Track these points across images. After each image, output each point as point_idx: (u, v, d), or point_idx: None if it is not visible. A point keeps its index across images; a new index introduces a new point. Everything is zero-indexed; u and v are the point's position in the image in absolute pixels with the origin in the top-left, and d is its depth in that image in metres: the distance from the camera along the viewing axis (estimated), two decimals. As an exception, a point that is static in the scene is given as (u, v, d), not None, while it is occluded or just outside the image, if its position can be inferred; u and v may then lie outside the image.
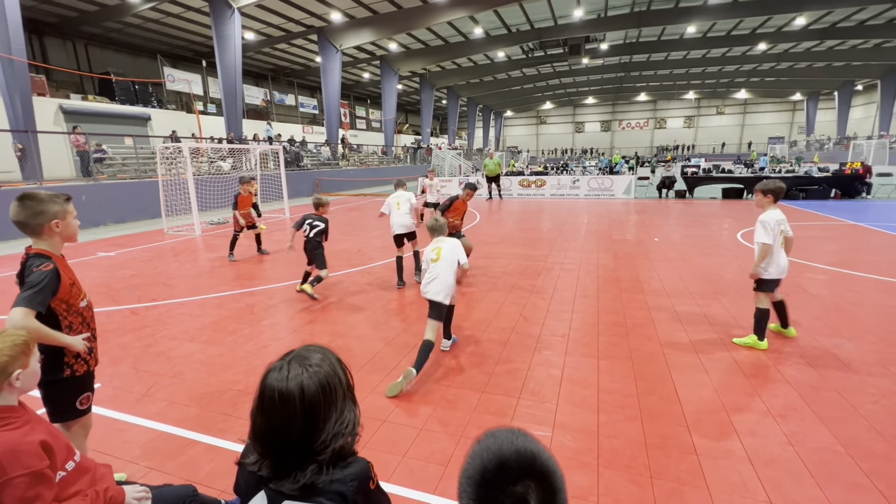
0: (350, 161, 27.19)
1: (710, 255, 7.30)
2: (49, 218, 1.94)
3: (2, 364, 1.33)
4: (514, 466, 0.66)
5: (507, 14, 22.84)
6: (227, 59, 17.74)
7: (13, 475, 1.24)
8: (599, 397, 3.13)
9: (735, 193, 15.17)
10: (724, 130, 51.13)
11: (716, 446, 2.57)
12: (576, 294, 5.45)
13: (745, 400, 3.04)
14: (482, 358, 3.78)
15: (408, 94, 41.75)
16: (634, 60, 33.79)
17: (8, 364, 1.34)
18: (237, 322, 4.77)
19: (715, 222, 10.55)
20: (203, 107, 24.40)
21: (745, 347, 3.85)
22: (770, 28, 26.04)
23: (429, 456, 2.55)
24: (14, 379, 1.37)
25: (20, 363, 1.38)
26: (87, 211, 11.61)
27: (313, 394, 0.95)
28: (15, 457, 1.26)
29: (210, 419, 2.95)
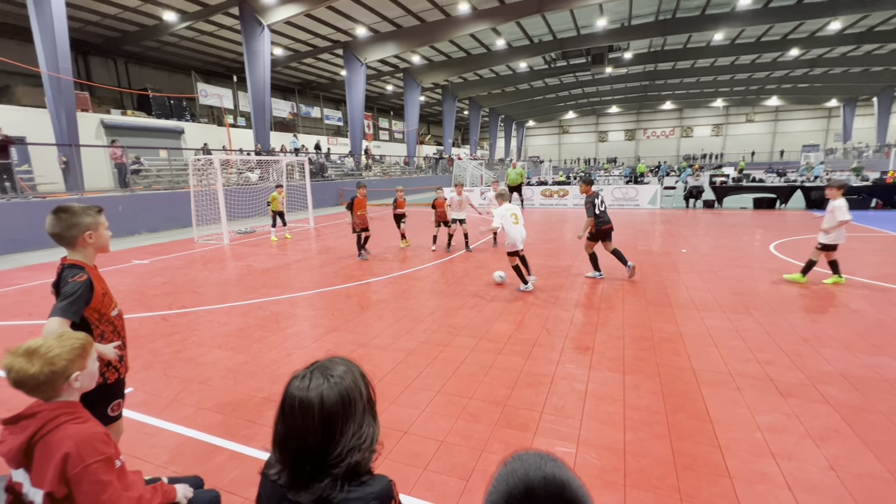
0: (373, 172, 27.60)
1: (741, 266, 7.05)
2: (82, 230, 2.02)
3: (60, 367, 1.41)
4: (541, 494, 0.63)
5: (529, 25, 22.94)
6: (256, 74, 18.38)
7: (90, 461, 1.32)
8: (625, 414, 3.04)
9: (767, 203, 14.65)
10: (755, 139, 49.63)
11: (751, 469, 2.45)
12: (600, 306, 5.34)
13: (782, 420, 2.90)
14: (504, 371, 3.73)
15: (430, 106, 42.27)
16: (659, 69, 33.33)
17: (66, 367, 1.42)
18: (262, 330, 4.86)
19: (746, 233, 10.20)
20: (233, 120, 25.28)
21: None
22: (802, 33, 25.26)
23: (450, 470, 2.52)
24: (73, 380, 1.45)
25: (77, 366, 1.46)
26: (123, 220, 12.14)
27: (332, 404, 0.95)
28: (89, 444, 1.35)
29: (235, 426, 3.00)
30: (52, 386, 1.40)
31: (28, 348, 1.37)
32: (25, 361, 1.35)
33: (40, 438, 1.34)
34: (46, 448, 1.33)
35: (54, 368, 1.38)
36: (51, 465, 1.30)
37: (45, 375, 1.37)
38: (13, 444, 1.35)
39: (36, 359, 1.36)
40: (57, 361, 1.39)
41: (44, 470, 1.31)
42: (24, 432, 1.35)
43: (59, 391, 1.43)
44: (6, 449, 1.35)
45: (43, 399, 1.42)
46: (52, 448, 1.33)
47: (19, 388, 1.37)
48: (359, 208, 8.34)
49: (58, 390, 1.42)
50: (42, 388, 1.39)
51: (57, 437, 1.34)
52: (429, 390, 3.43)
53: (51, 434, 1.35)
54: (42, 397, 1.41)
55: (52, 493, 1.30)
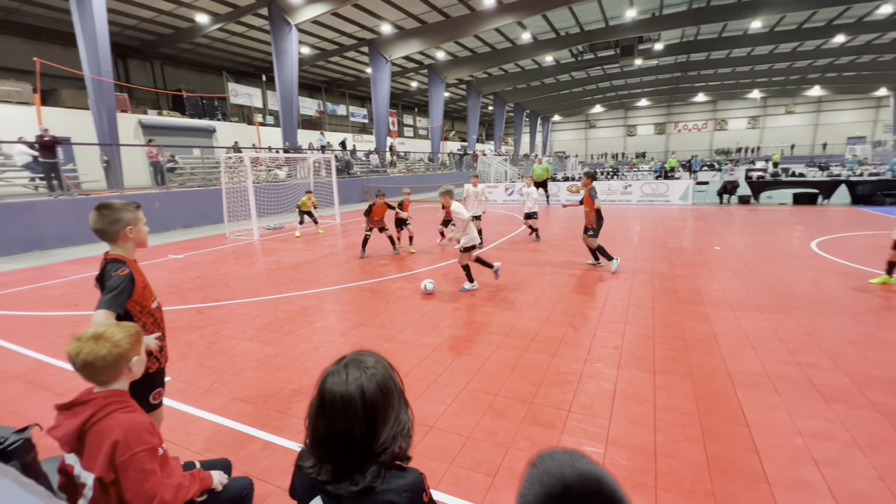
0: (397, 168, 27.79)
1: (780, 265, 6.75)
2: (123, 225, 2.12)
3: (125, 350, 1.51)
4: (578, 492, 0.62)
5: (555, 18, 22.51)
6: (284, 73, 18.76)
7: (137, 450, 1.40)
8: (656, 415, 2.96)
9: (808, 199, 13.95)
10: (794, 131, 47.26)
11: (791, 476, 2.35)
12: (629, 304, 5.21)
13: (825, 426, 2.76)
14: (529, 368, 3.69)
15: (454, 102, 42.16)
16: (692, 59, 32.12)
17: (129, 351, 1.53)
18: (291, 323, 4.98)
19: (784, 230, 9.75)
20: (262, 118, 25.91)
21: (824, 368, 3.50)
22: (849, 18, 23.78)
23: (476, 465, 2.52)
24: (132, 364, 1.56)
25: (136, 351, 1.57)
26: (159, 217, 12.64)
27: (373, 395, 0.97)
28: (136, 434, 1.43)
29: (266, 416, 3.09)
30: (116, 368, 1.50)
31: (95, 333, 1.48)
32: (95, 344, 1.45)
33: (92, 425, 1.42)
34: (97, 434, 1.41)
35: (120, 351, 1.49)
36: (101, 451, 1.38)
37: (113, 357, 1.47)
38: (67, 428, 1.43)
39: (104, 342, 1.46)
40: (122, 344, 1.50)
41: (94, 455, 1.39)
42: (78, 418, 1.43)
43: (119, 375, 1.52)
44: (61, 433, 1.44)
45: (100, 384, 1.50)
46: (102, 435, 1.40)
47: (86, 371, 1.47)
48: (377, 215, 8.49)
49: (118, 374, 1.52)
50: (107, 370, 1.49)
51: (107, 424, 1.42)
52: (454, 386, 3.43)
53: (102, 421, 1.42)
54: (101, 381, 1.50)
55: (102, 478, 1.37)
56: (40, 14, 17.47)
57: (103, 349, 1.46)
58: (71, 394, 3.57)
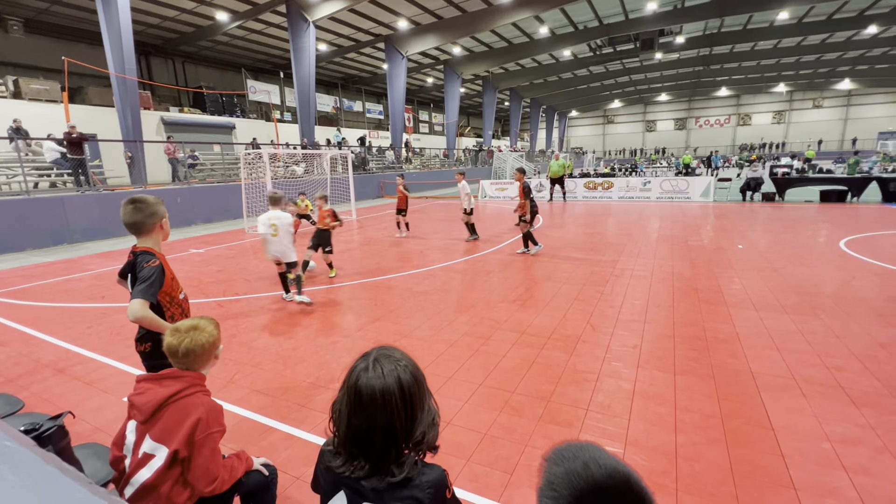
0: (413, 164, 27.84)
1: (806, 265, 6.55)
2: (160, 217, 2.22)
3: (216, 339, 1.71)
4: (610, 492, 0.61)
5: (574, 11, 22.17)
6: (302, 70, 18.93)
7: (213, 430, 1.54)
8: (677, 416, 2.91)
9: (836, 196, 13.49)
10: (822, 125, 45.71)
11: (819, 482, 2.28)
12: (648, 303, 5.13)
13: (855, 431, 2.67)
14: (547, 366, 3.67)
15: (470, 98, 41.96)
16: (715, 53, 31.32)
17: (218, 340, 1.72)
18: (309, 318, 5.04)
19: (810, 228, 9.46)
20: (280, 115, 26.22)
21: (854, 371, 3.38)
22: (883, 8, 22.78)
23: (493, 462, 2.51)
24: (219, 352, 1.74)
25: (220, 340, 1.75)
26: (181, 211, 12.93)
27: (410, 385, 1.00)
28: (216, 415, 1.58)
29: (286, 408, 3.13)
30: (210, 354, 1.69)
31: (191, 325, 1.66)
32: (196, 333, 1.63)
33: (179, 399, 1.54)
34: (182, 409, 1.52)
35: (214, 339, 1.69)
36: (184, 425, 1.49)
37: (210, 345, 1.66)
38: (154, 397, 1.52)
39: (201, 332, 1.65)
40: (215, 333, 1.69)
41: (174, 429, 1.49)
42: (167, 389, 1.55)
43: (210, 360, 1.70)
44: (145, 400, 1.53)
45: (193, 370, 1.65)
46: (187, 410, 1.52)
47: (187, 357, 1.62)
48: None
49: (210, 359, 1.70)
50: (204, 356, 1.66)
51: (193, 402, 1.55)
52: (471, 382, 3.43)
53: (189, 398, 1.55)
54: (196, 367, 1.65)
55: (178, 451, 1.47)
56: (68, 14, 17.98)
57: (202, 337, 1.63)
58: (99, 383, 3.68)
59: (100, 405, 3.27)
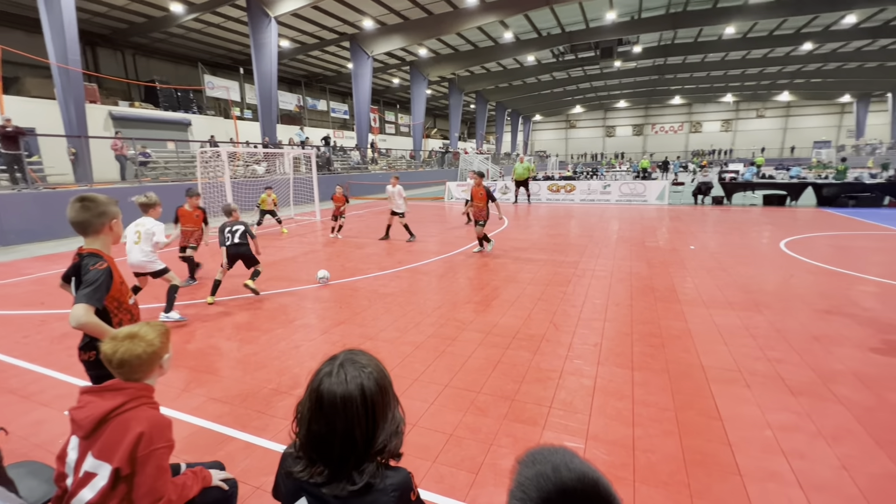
0: (379, 165, 27.58)
1: (751, 264, 6.99)
2: (110, 218, 2.08)
3: (158, 349, 1.54)
4: (578, 495, 0.62)
5: (537, 18, 22.70)
6: (263, 67, 18.36)
7: (158, 446, 1.41)
8: (634, 410, 3.03)
9: (777, 200, 14.48)
10: (765, 134, 49.01)
11: (761, 467, 2.44)
12: (608, 302, 5.32)
13: (792, 419, 2.88)
14: (512, 366, 3.73)
15: (436, 99, 42.06)
16: (669, 63, 32.91)
17: (161, 349, 1.55)
18: (270, 322, 4.89)
19: (755, 230, 10.10)
20: (240, 112, 25.32)
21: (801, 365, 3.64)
22: (816, 27, 24.79)
23: (459, 463, 2.53)
24: (164, 362, 1.58)
25: (166, 349, 1.59)
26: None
27: (373, 393, 0.98)
28: (160, 430, 1.44)
29: (245, 416, 3.03)
30: (151, 366, 1.53)
31: (129, 332, 1.51)
32: (131, 343, 1.48)
33: (120, 413, 1.42)
34: (123, 424, 1.40)
35: (154, 349, 1.53)
36: (124, 441, 1.37)
37: (148, 355, 1.50)
38: (94, 411, 1.40)
39: (139, 340, 1.49)
40: (156, 342, 1.53)
41: (115, 445, 1.37)
42: (109, 402, 1.42)
43: (152, 371, 1.55)
44: (85, 414, 1.40)
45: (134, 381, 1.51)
46: (128, 425, 1.40)
47: (122, 369, 1.48)
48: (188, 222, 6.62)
49: (152, 370, 1.55)
50: (143, 367, 1.51)
51: (135, 415, 1.43)
52: (437, 384, 3.44)
53: (130, 412, 1.43)
54: (136, 378, 1.51)
55: (119, 470, 1.36)
56: (2, -2, 16.65)
57: (139, 348, 1.49)
58: (37, 396, 3.44)
59: (38, 420, 3.04)
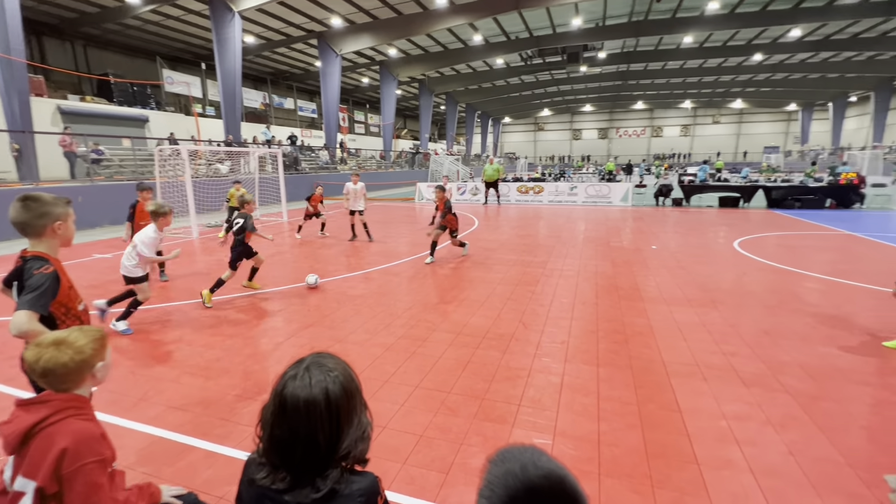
0: (348, 165, 27.21)
1: (707, 263, 7.34)
2: (53, 219, 1.95)
3: (88, 357, 1.42)
4: (544, 492, 0.63)
5: (506, 22, 23.02)
6: (226, 63, 17.77)
7: (87, 461, 1.31)
8: (600, 405, 3.12)
9: (732, 202, 15.26)
10: (720, 139, 51.59)
11: (717, 455, 2.57)
12: (575, 301, 5.46)
13: (745, 409, 3.05)
14: (482, 365, 3.77)
15: (407, 100, 41.93)
16: (632, 69, 34.10)
17: (92, 356, 1.43)
18: (235, 326, 4.74)
19: (711, 230, 10.62)
20: (202, 109, 24.39)
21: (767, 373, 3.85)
22: (766, 39, 26.35)
23: (429, 463, 2.53)
24: (97, 370, 1.46)
25: (100, 356, 1.46)
26: (84, 212, 11.53)
27: (338, 398, 0.95)
28: (88, 444, 1.34)
29: (208, 424, 2.92)
30: (80, 375, 1.42)
31: (56, 338, 1.39)
32: (56, 350, 1.36)
33: (43, 428, 1.32)
34: (46, 439, 1.31)
35: (84, 357, 1.41)
36: (47, 457, 1.28)
37: (76, 363, 1.39)
38: (19, 426, 1.31)
39: (65, 348, 1.37)
40: (85, 349, 1.41)
41: (39, 461, 1.28)
42: (31, 416, 1.33)
43: (83, 381, 1.44)
44: (11, 430, 1.31)
45: (62, 391, 1.41)
46: (51, 440, 1.31)
47: (46, 378, 1.37)
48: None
49: (82, 380, 1.44)
50: (70, 376, 1.39)
51: (59, 429, 1.33)
52: (407, 385, 3.43)
53: (54, 426, 1.33)
54: (63, 388, 1.40)
55: (44, 489, 1.27)
56: (-67, -20, 15.34)
57: (65, 356, 1.37)
58: (-25, 410, 3.18)
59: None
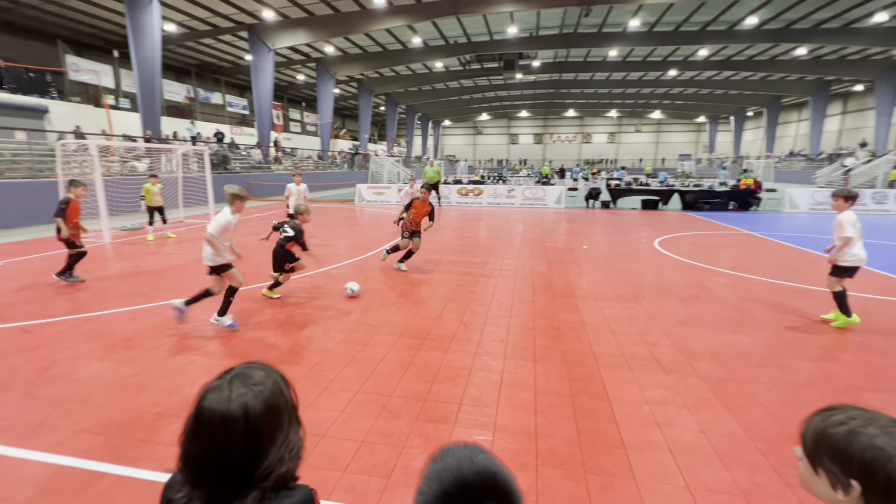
0: (284, 165, 26.04)
1: (632, 260, 7.92)
2: None
3: None
4: (476, 488, 0.65)
5: (445, 26, 23.30)
6: (144, 52, 16.31)
7: None
8: (537, 399, 3.25)
9: (652, 205, 16.58)
10: (642, 147, 55.98)
11: (641, 438, 2.78)
12: (513, 300, 5.64)
13: (664, 394, 3.32)
14: (423, 366, 3.77)
15: (345, 99, 40.97)
16: (564, 78, 35.97)
17: None
18: (156, 337, 4.35)
19: (635, 231, 11.46)
20: (115, 101, 22.16)
21: (702, 360, 4.20)
22: (679, 57, 29.05)
23: (370, 469, 2.49)
24: None
25: None
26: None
27: (259, 414, 0.88)
28: None
29: (122, 447, 2.66)
30: None
31: None
32: None
33: None
34: None
35: None
36: None
37: None
38: None
39: None
40: None
41: None
42: None
43: None
44: None
45: None
46: None
47: None
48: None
49: None
50: None
51: None
52: (347, 391, 3.35)
53: None
54: None
55: None
56: None
57: None
58: None
59: None
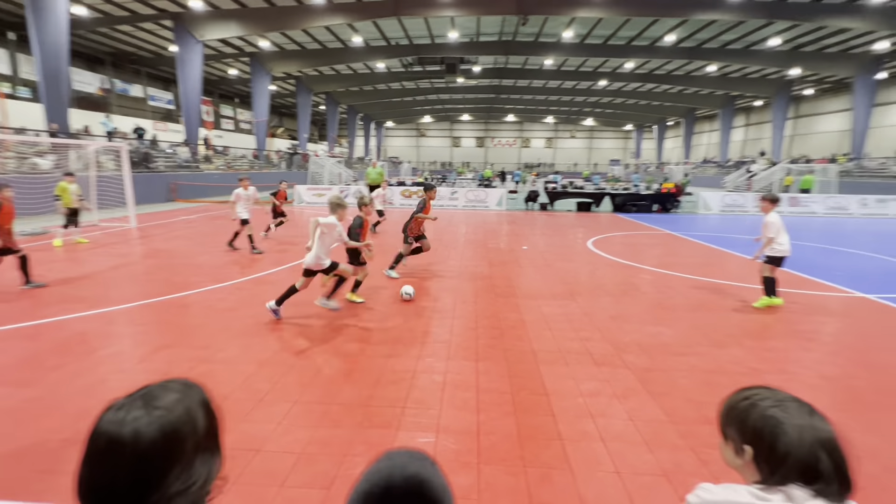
0: (215, 164, 24.45)
1: (568, 260, 8.32)
2: None
3: None
4: (399, 493, 0.65)
5: (386, 27, 23.12)
6: (47, 36, 14.59)
7: None
8: (479, 398, 3.32)
9: (586, 206, 17.55)
10: (576, 152, 59.10)
11: (576, 429, 2.93)
12: (456, 301, 5.71)
13: (597, 386, 3.52)
14: (366, 371, 3.71)
15: (283, 97, 39.33)
16: (503, 84, 37.02)
17: None
18: (62, 355, 3.90)
19: (571, 232, 12.06)
20: (11, 89, 19.64)
21: (647, 347, 4.45)
22: (608, 68, 31.00)
23: (310, 482, 2.41)
24: None
25: None
26: None
27: (150, 443, 0.76)
28: None
29: (19, 481, 2.35)
30: None
31: None
32: None
33: None
34: None
35: None
36: None
37: None
38: None
39: None
40: None
41: None
42: None
43: None
44: None
45: None
46: None
47: None
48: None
49: None
50: None
51: None
52: (285, 401, 3.21)
53: None
54: None
55: None
56: None
57: None
58: None
59: None
